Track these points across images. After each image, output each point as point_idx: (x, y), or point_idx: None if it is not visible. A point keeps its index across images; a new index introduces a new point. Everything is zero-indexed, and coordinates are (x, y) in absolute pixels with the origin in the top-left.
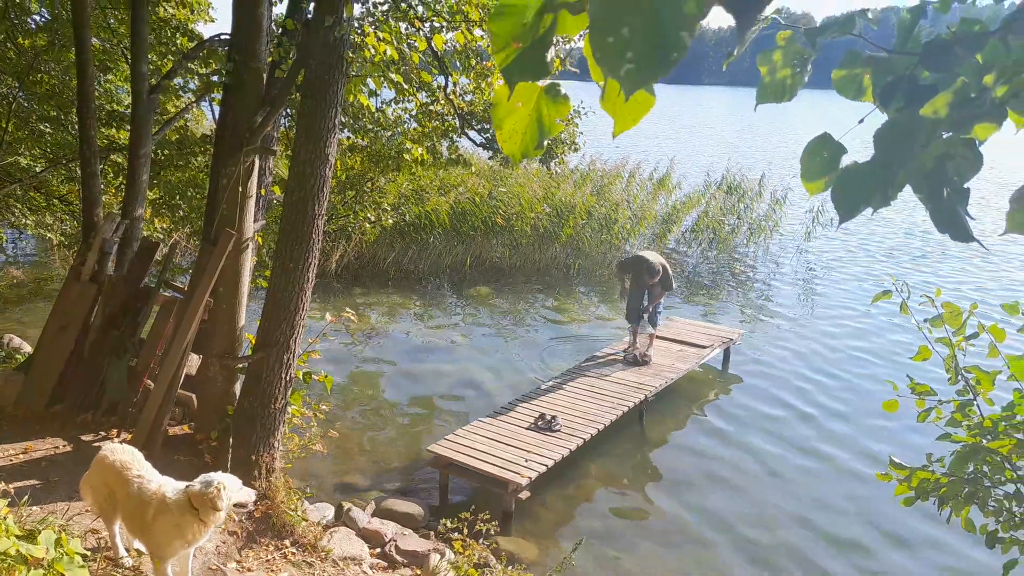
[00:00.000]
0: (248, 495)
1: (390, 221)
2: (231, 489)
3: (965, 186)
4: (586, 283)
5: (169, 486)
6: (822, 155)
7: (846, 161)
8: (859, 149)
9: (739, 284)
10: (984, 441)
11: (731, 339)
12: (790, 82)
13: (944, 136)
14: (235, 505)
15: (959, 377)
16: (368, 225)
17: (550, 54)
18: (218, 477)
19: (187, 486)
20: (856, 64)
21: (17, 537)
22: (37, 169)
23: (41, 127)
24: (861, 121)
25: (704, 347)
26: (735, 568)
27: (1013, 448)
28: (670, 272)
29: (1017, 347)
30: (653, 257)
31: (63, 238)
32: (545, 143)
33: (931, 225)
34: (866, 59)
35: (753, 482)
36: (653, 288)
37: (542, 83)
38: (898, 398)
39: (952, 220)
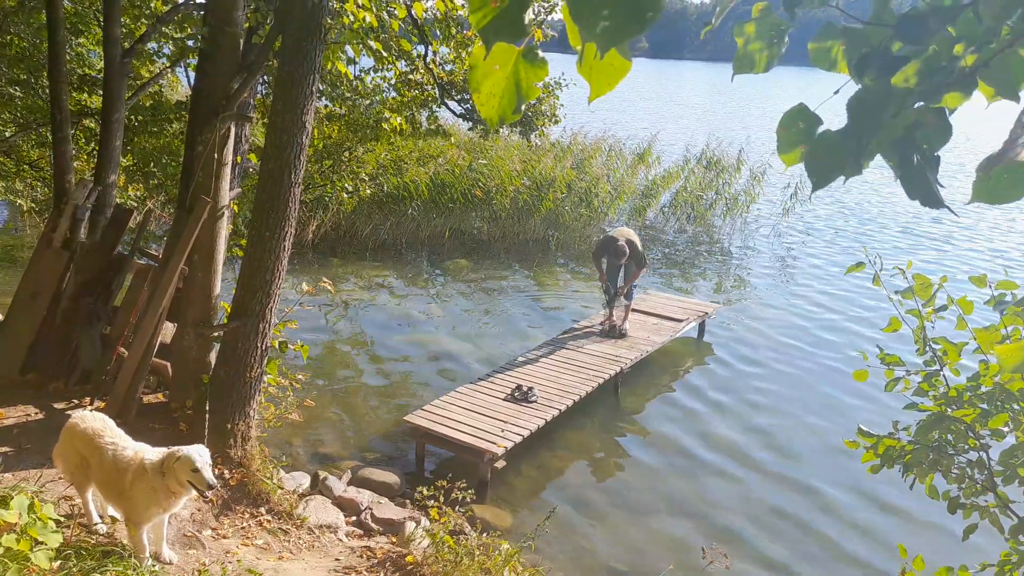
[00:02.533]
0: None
1: (368, 191)
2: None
3: (936, 154)
4: (564, 256)
5: (146, 452)
6: (798, 126)
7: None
8: (834, 121)
9: (715, 259)
10: (949, 410)
11: (706, 313)
12: (765, 53)
13: (915, 106)
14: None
15: (927, 348)
16: (345, 195)
17: (528, 15)
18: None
19: (164, 451)
20: (831, 36)
21: None
22: (7, 134)
23: (11, 91)
24: (837, 92)
25: (679, 321)
26: (705, 538)
27: (977, 417)
28: (639, 248)
29: (984, 320)
30: (621, 237)
31: (34, 204)
32: (523, 107)
33: (909, 217)
34: (841, 30)
35: (724, 454)
36: (628, 266)
37: (520, 45)
38: (867, 368)
39: (922, 186)
